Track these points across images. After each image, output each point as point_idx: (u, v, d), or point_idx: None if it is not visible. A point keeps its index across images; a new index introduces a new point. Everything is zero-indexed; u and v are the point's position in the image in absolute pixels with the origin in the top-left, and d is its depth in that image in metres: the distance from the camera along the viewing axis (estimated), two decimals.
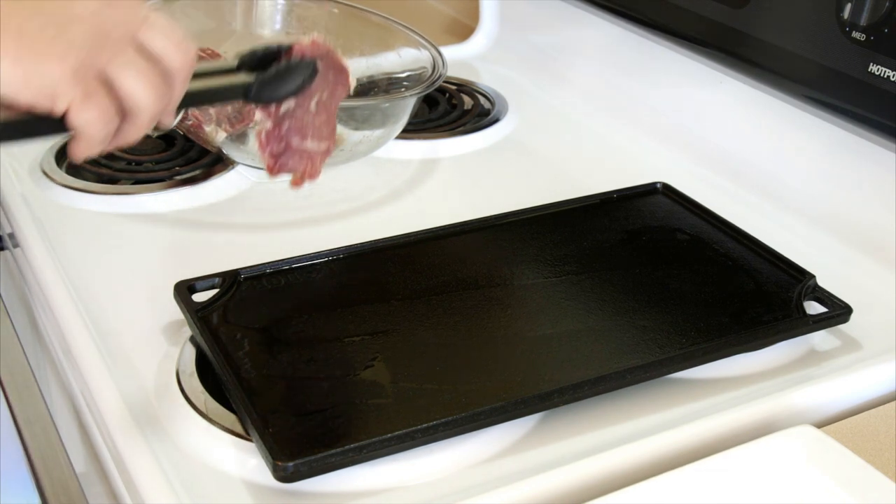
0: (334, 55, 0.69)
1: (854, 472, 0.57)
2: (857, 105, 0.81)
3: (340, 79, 0.70)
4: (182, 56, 0.53)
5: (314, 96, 0.69)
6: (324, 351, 0.68)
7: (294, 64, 0.66)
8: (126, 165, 0.95)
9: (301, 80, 0.66)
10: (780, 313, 0.73)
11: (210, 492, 0.60)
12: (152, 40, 0.51)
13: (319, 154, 0.72)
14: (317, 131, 0.70)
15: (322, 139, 0.71)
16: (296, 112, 0.68)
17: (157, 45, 0.52)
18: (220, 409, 0.64)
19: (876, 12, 0.78)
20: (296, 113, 0.68)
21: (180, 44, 0.53)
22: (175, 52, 0.52)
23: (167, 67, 0.52)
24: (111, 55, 0.50)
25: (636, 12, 1.04)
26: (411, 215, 0.89)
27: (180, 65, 0.53)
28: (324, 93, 0.69)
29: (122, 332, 0.73)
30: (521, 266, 0.78)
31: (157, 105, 0.52)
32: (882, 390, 0.70)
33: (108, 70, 0.50)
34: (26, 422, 0.75)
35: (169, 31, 0.52)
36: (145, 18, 0.51)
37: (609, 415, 0.66)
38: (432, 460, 0.61)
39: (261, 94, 0.65)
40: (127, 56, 0.50)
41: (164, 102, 0.53)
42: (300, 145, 0.70)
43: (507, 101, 1.13)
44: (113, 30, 0.49)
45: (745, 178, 0.94)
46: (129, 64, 0.50)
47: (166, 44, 0.52)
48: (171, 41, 0.52)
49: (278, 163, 0.70)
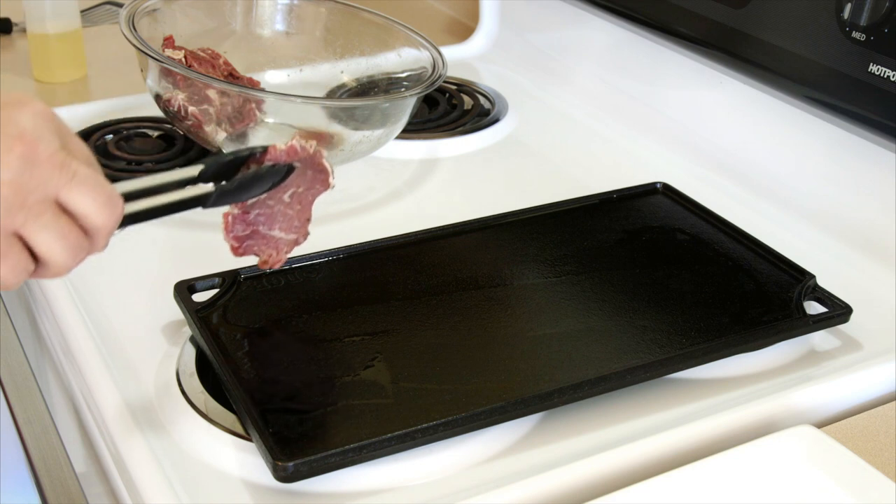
0: (316, 158, 0.66)
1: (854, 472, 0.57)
2: (857, 105, 0.81)
3: (320, 178, 0.67)
4: (106, 215, 0.51)
5: (289, 189, 0.66)
6: (324, 351, 0.68)
7: (262, 171, 0.63)
8: (126, 165, 0.95)
9: (268, 186, 0.64)
10: (780, 313, 0.73)
11: (210, 492, 0.60)
12: (75, 200, 0.50)
13: (287, 244, 0.69)
14: (288, 221, 0.68)
15: (291, 230, 0.68)
16: (267, 201, 0.66)
17: (79, 205, 0.51)
18: (220, 409, 0.64)
19: (876, 12, 0.78)
20: (267, 202, 0.66)
21: (105, 204, 0.51)
22: (98, 211, 0.51)
23: (89, 226, 0.52)
24: (26, 218, 0.49)
25: (636, 12, 1.04)
26: (411, 215, 0.89)
27: (103, 223, 0.52)
28: (300, 187, 0.67)
29: (122, 332, 0.73)
30: (521, 266, 0.78)
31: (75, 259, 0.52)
32: (882, 390, 0.70)
33: (22, 232, 0.49)
34: (26, 422, 0.75)
35: (94, 190, 0.51)
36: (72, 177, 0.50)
37: (609, 415, 0.66)
38: (432, 460, 0.61)
39: (220, 201, 0.62)
40: (43, 219, 0.49)
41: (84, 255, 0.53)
42: (268, 233, 0.67)
43: (507, 101, 1.13)
44: (32, 193, 0.49)
45: (745, 178, 0.94)
46: (45, 228, 0.50)
47: (89, 204, 0.51)
48: (96, 201, 0.51)
49: (243, 245, 0.67)
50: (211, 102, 0.86)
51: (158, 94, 0.89)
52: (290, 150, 0.64)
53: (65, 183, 0.50)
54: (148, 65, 0.89)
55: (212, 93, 0.86)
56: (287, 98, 0.89)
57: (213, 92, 0.86)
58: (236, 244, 0.67)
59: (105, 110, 1.06)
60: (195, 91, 0.86)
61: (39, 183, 0.49)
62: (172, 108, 0.87)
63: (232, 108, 0.87)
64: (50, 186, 0.49)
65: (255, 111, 0.89)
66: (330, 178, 0.68)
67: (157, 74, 0.88)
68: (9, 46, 1.29)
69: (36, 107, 0.50)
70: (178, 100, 0.86)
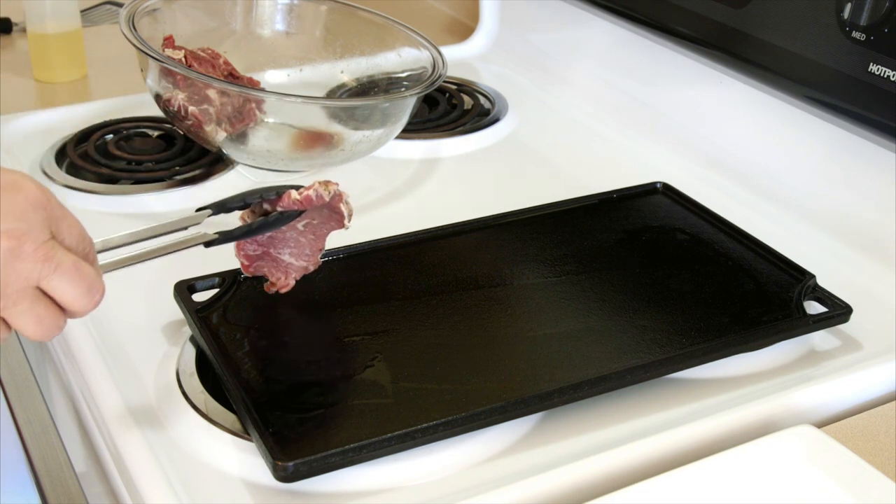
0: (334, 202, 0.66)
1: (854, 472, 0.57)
2: (857, 105, 0.81)
3: (336, 217, 0.68)
4: (84, 302, 0.53)
5: (304, 219, 0.67)
6: (324, 351, 0.68)
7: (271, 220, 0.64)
8: (126, 165, 0.95)
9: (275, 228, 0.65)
10: (780, 313, 0.73)
11: (210, 492, 0.60)
12: (55, 289, 0.52)
13: (297, 269, 0.69)
14: (300, 248, 0.68)
15: (302, 258, 0.69)
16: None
17: (58, 293, 0.52)
18: (220, 409, 0.64)
19: (876, 12, 0.78)
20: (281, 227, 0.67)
21: (84, 293, 0.53)
22: (77, 300, 0.53)
23: (67, 309, 0.54)
24: (5, 305, 0.51)
25: (636, 12, 1.04)
26: (411, 215, 0.89)
27: (81, 309, 0.54)
28: (315, 219, 0.68)
29: (122, 332, 0.73)
30: (521, 266, 0.78)
31: (52, 334, 0.54)
32: (882, 390, 0.70)
33: (3, 315, 0.52)
34: (26, 422, 0.75)
35: (74, 280, 0.52)
36: (54, 269, 0.52)
37: (609, 415, 0.66)
38: (432, 460, 0.61)
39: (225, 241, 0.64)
40: (21, 307, 0.51)
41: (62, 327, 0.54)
42: (278, 256, 0.68)
43: (507, 101, 1.13)
44: (15, 282, 0.51)
45: (745, 178, 0.94)
46: (21, 314, 0.52)
47: (69, 292, 0.53)
48: (76, 290, 0.53)
49: (253, 265, 0.68)
50: (211, 102, 0.86)
51: (158, 94, 0.89)
52: (305, 199, 0.65)
53: (47, 274, 0.51)
54: (148, 65, 0.89)
55: (212, 93, 0.86)
56: (287, 98, 0.89)
57: (213, 92, 0.86)
58: (247, 262, 0.69)
59: (105, 110, 1.06)
60: (195, 91, 0.86)
61: (21, 276, 0.51)
62: (172, 108, 0.87)
63: (232, 107, 0.87)
64: (31, 278, 0.51)
65: (255, 111, 0.89)
66: (345, 220, 0.68)
67: (157, 74, 0.88)
68: (9, 46, 1.29)
69: (30, 194, 0.52)
70: (178, 100, 0.86)
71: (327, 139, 0.91)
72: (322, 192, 0.64)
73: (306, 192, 0.64)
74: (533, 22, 1.25)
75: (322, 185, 0.64)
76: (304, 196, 0.64)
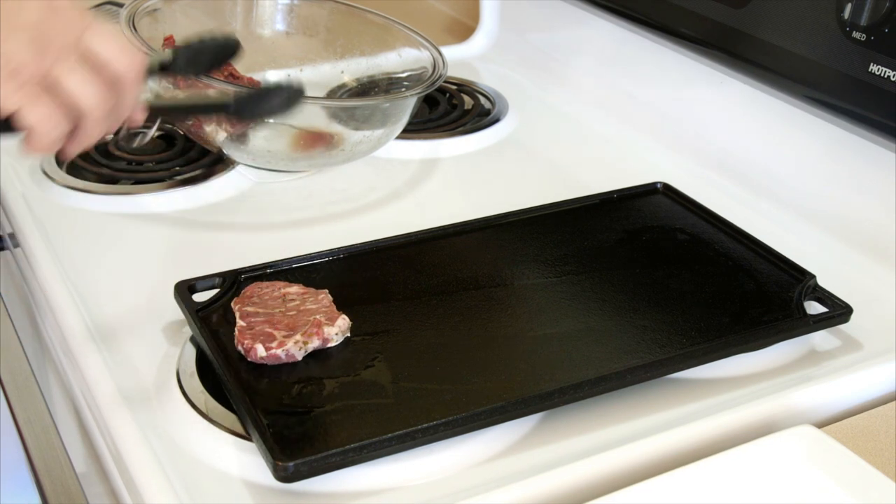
0: None
1: (854, 472, 0.57)
2: (857, 105, 0.81)
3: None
4: (127, 60, 0.54)
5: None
6: (324, 351, 0.68)
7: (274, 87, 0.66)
8: (126, 165, 0.95)
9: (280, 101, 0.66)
10: (781, 313, 0.73)
11: (210, 492, 0.60)
12: (96, 45, 0.52)
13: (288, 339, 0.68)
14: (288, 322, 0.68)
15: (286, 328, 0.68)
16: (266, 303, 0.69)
17: (100, 50, 0.53)
18: (220, 409, 0.64)
19: (876, 12, 0.78)
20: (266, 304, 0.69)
21: (124, 48, 0.53)
22: (119, 56, 0.53)
23: (112, 72, 0.53)
24: (53, 62, 0.51)
25: (636, 12, 1.04)
26: (411, 215, 0.89)
27: (126, 68, 0.54)
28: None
29: (122, 332, 0.73)
30: (522, 266, 0.78)
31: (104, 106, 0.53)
32: (882, 390, 0.70)
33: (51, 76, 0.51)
34: (26, 422, 0.75)
35: (112, 37, 0.53)
36: (88, 26, 0.52)
37: (609, 415, 0.66)
38: (432, 460, 0.61)
39: (241, 111, 0.66)
40: (69, 63, 0.52)
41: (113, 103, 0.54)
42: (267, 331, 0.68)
43: (507, 101, 1.13)
44: (55, 38, 0.51)
45: (746, 178, 0.94)
46: (72, 70, 0.52)
47: (110, 49, 0.53)
48: (115, 46, 0.53)
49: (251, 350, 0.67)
50: None
51: (158, 94, 0.89)
52: None
53: (84, 28, 0.52)
54: None
55: (212, 93, 0.86)
56: None
57: (213, 92, 0.86)
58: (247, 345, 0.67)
59: None
60: (195, 91, 0.86)
61: (60, 29, 0.51)
62: None
63: None
64: (72, 32, 0.51)
65: None
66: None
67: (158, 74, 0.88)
68: None
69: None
70: None
71: (328, 139, 0.91)
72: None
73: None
74: (533, 22, 1.25)
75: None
76: None
